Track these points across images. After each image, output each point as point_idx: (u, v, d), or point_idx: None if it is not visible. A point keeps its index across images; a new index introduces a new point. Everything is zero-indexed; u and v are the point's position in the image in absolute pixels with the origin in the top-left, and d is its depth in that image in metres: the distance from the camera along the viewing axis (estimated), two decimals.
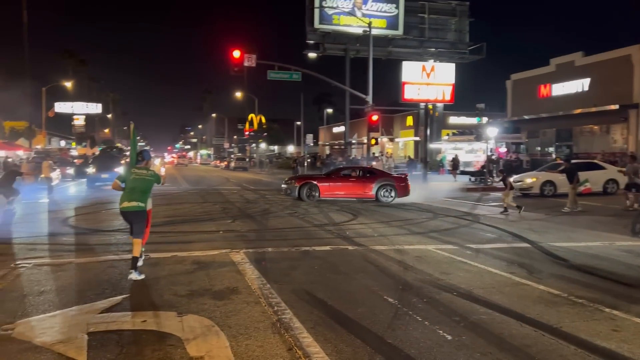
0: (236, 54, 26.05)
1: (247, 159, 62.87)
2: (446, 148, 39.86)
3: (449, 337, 4.84)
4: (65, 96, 63.86)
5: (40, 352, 4.41)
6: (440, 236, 11.00)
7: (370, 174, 19.61)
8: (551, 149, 36.92)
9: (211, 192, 23.16)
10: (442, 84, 28.80)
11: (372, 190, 18.50)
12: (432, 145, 41.81)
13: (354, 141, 51.03)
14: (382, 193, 18.41)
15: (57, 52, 70.65)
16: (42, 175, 19.89)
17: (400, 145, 56.71)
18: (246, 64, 27.42)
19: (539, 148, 38.13)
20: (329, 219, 13.74)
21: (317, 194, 18.32)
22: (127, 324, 5.12)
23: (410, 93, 28.69)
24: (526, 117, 37.27)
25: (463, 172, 31.47)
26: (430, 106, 33.51)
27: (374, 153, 36.81)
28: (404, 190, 18.81)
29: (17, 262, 7.92)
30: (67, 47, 66.44)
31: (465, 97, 46.65)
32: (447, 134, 42.65)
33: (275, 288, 6.46)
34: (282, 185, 19.99)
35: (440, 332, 4.99)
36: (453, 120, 49.51)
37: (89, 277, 7.06)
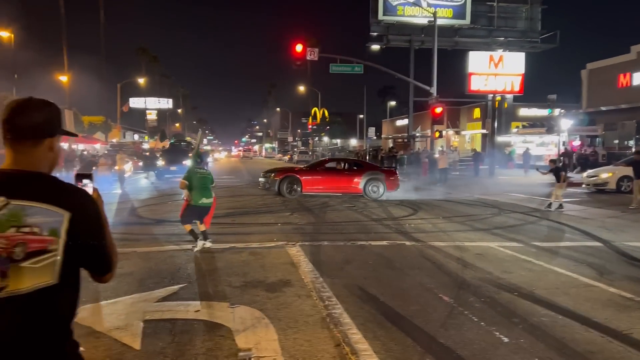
0: (298, 48, 26.16)
1: (310, 153, 63.31)
2: (515, 141, 38.32)
3: (506, 340, 4.60)
4: (139, 92, 66.92)
5: (99, 337, 4.59)
6: (504, 233, 10.55)
7: (357, 167, 18.74)
8: (631, 142, 34.60)
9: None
10: (511, 74, 27.70)
11: (359, 184, 17.39)
12: (500, 138, 40.35)
13: (417, 134, 50.16)
14: (370, 188, 17.27)
15: (131, 50, 74.01)
16: (116, 168, 20.93)
17: (466, 138, 55.15)
18: (308, 57, 27.51)
19: (616, 141, 35.84)
20: (388, 214, 13.55)
21: (299, 189, 17.15)
22: (180, 313, 5.24)
23: (476, 84, 27.80)
24: (603, 108, 35.10)
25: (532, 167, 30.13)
26: (498, 98, 32.33)
27: (442, 146, 35.99)
28: (393, 185, 17.68)
29: None
30: (141, 45, 69.31)
31: (536, 88, 44.68)
32: (517, 127, 41.00)
33: (328, 282, 6.41)
34: (260, 179, 18.75)
35: (497, 333, 4.75)
36: (523, 112, 47.45)
37: (150, 266, 7.32)
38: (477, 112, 50.57)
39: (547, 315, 5.29)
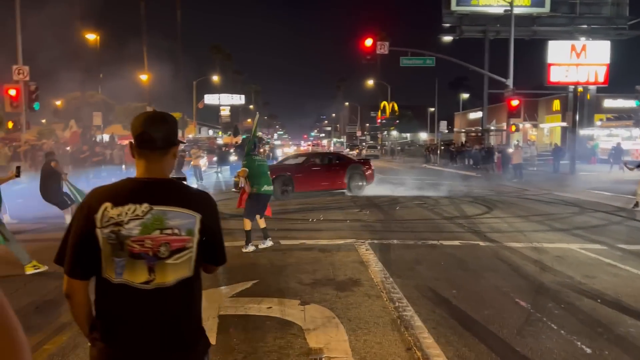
0: (368, 42, 25.99)
1: (378, 147, 62.85)
2: (599, 134, 36.10)
3: (588, 350, 4.35)
4: (213, 89, 69.18)
5: None
6: (586, 234, 9.98)
7: (339, 160, 18.33)
8: None
9: None
10: (595, 64, 26.09)
11: (344, 178, 16.87)
12: (582, 132, 38.15)
13: (492, 128, 48.43)
14: (353, 183, 16.94)
15: (206, 47, 76.57)
16: (192, 163, 21.76)
17: (545, 131, 52.57)
18: (378, 51, 27.31)
19: None
20: (461, 212, 13.20)
21: (291, 189, 15.81)
22: (253, 309, 5.37)
23: (556, 75, 26.44)
24: None
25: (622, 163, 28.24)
26: (580, 89, 30.59)
27: (517, 140, 34.56)
28: (370, 177, 17.57)
29: None
30: (215, 43, 71.55)
31: (623, 78, 41.48)
32: (600, 119, 38.58)
33: (398, 282, 6.34)
34: (234, 179, 15.50)
35: (578, 343, 4.50)
36: (608, 103, 44.50)
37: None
38: (556, 104, 48.03)
39: (636, 326, 4.95)
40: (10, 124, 22.85)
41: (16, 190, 13.00)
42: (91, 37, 36.62)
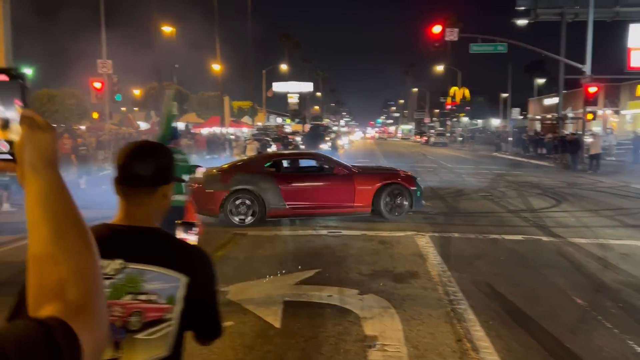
0: (436, 29, 25.63)
1: (448, 134, 61.65)
2: None
3: (639, 350, 4.43)
4: (281, 76, 70.43)
5: (245, 314, 5.30)
6: None
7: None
8: None
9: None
10: None
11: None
12: None
13: (570, 115, 46.22)
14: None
15: (276, 35, 77.75)
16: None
17: (628, 118, 49.50)
18: (447, 38, 26.88)
19: None
20: (528, 205, 13.01)
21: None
22: (315, 297, 5.79)
23: (637, 60, 24.93)
24: None
25: None
26: None
27: (591, 130, 32.95)
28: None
29: (236, 232, 9.35)
30: (285, 32, 72.57)
31: None
32: None
33: (455, 276, 6.54)
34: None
35: (631, 342, 4.57)
36: None
37: (290, 249, 8.05)
38: None
39: None
40: (95, 115, 24.64)
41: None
42: (167, 29, 38.36)
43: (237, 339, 4.68)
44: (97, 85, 23.30)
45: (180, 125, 40.19)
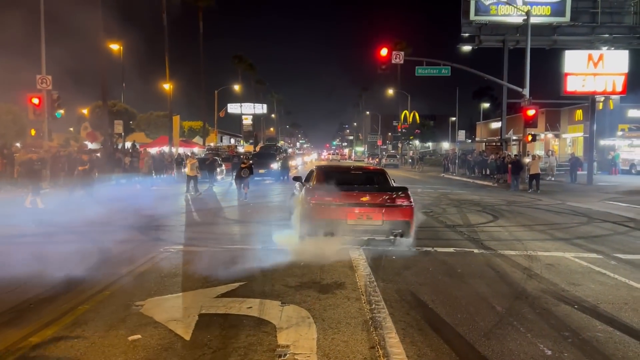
0: (383, 51, 26.15)
1: (398, 156, 62.71)
2: (620, 145, 35.51)
3: (548, 352, 4.45)
4: (235, 98, 70.15)
5: (156, 327, 5.04)
6: (585, 243, 9.95)
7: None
8: None
9: None
10: (613, 73, 25.72)
11: None
12: (604, 142, 37.53)
13: (514, 137, 47.96)
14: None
15: (228, 57, 77.71)
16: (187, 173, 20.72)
17: (567, 141, 51.83)
18: (394, 61, 27.39)
19: None
20: (465, 220, 13.23)
21: None
22: (234, 309, 5.58)
23: (573, 85, 26.18)
24: None
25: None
26: (601, 99, 30.17)
27: (529, 152, 34.20)
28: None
29: (166, 247, 9.03)
30: (237, 53, 72.50)
31: None
32: (623, 129, 37.92)
33: (381, 286, 6.48)
34: None
35: (541, 346, 4.60)
36: (632, 113, 43.67)
37: (217, 264, 7.77)
38: (579, 114, 47.39)
39: (604, 331, 5.00)
40: (32, 132, 23.67)
41: None
42: (114, 47, 37.65)
43: (141, 352, 4.43)
44: (35, 101, 22.44)
45: (127, 144, 39.19)
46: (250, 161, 21.98)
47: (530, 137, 27.01)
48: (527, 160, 25.72)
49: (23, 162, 16.26)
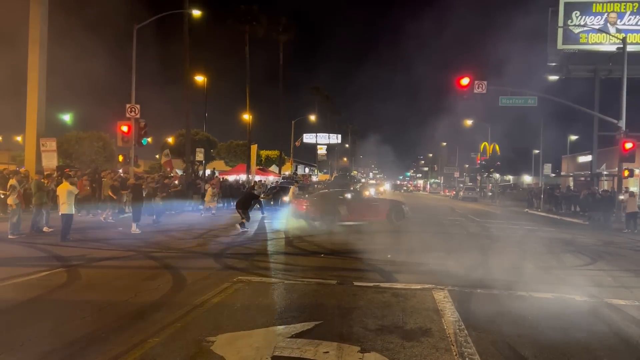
0: (464, 81, 25.30)
1: (477, 189, 60.41)
2: None
3: None
4: (311, 128, 71.13)
5: None
6: None
7: None
8: None
9: (431, 221, 22.59)
10: None
11: None
12: None
13: (605, 172, 44.79)
14: None
15: (307, 88, 79.27)
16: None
17: None
18: (476, 91, 26.40)
19: None
20: (559, 261, 12.06)
21: None
22: (309, 353, 5.10)
23: None
24: None
25: None
26: None
27: (626, 187, 31.60)
28: None
29: (240, 277, 8.75)
30: (315, 85, 73.79)
31: None
32: None
33: (473, 336, 5.76)
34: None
35: None
36: None
37: (293, 298, 7.38)
38: None
39: None
40: (120, 158, 24.79)
41: None
42: (199, 78, 39.29)
43: None
44: (124, 128, 23.54)
45: (207, 171, 40.41)
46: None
47: (627, 172, 24.91)
48: (621, 197, 23.63)
49: (135, 186, 16.90)
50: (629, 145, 24.31)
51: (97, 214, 19.31)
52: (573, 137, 68.52)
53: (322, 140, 75.66)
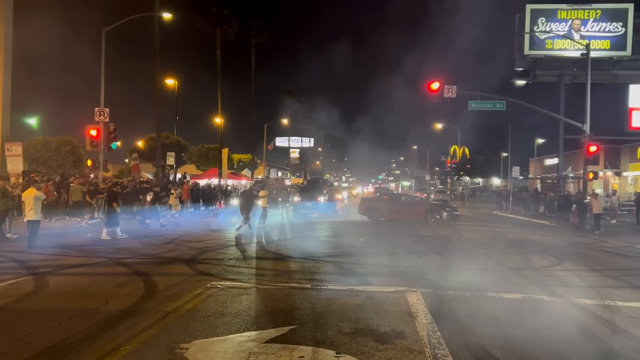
0: (434, 85, 25.67)
1: (448, 192, 61.30)
2: None
3: None
4: (284, 131, 70.97)
5: None
6: None
7: None
8: None
9: (404, 224, 22.81)
10: None
11: None
12: None
13: (570, 175, 46.01)
14: None
15: (279, 91, 79.07)
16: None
17: (629, 180, 49.23)
18: (446, 95, 26.83)
19: None
20: (528, 262, 12.33)
21: None
22: (284, 358, 5.09)
23: (638, 120, 24.78)
24: None
25: None
26: None
27: (593, 190, 32.52)
28: None
29: (213, 283, 8.67)
30: (288, 87, 73.65)
31: None
32: None
33: (446, 337, 5.84)
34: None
35: None
36: None
37: (267, 304, 7.35)
38: None
39: None
40: (89, 162, 24.29)
41: None
42: (170, 82, 38.85)
43: None
44: (93, 132, 23.09)
45: (178, 175, 39.92)
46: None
47: (592, 175, 25.65)
48: (587, 200, 24.30)
49: (110, 192, 16.36)
50: (593, 149, 25.05)
51: (62, 220, 18.88)
52: (540, 141, 70.24)
53: (295, 144, 75.68)
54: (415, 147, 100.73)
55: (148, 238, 15.26)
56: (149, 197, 20.78)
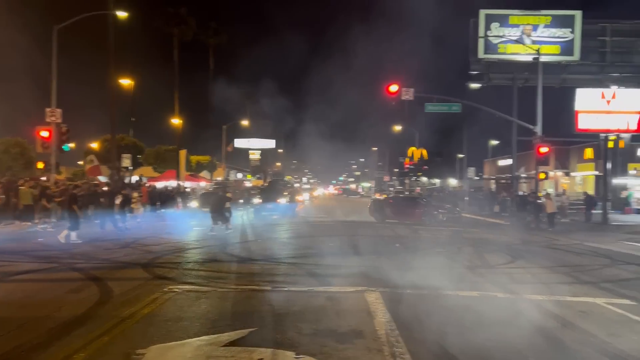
0: (393, 88, 26.05)
1: (406, 192, 62.24)
2: (633, 184, 34.93)
3: None
4: (243, 133, 70.35)
5: None
6: (615, 288, 9.38)
7: None
8: None
9: (364, 225, 23.06)
10: (626, 111, 25.48)
11: None
12: (616, 181, 36.94)
13: (523, 175, 47.54)
14: None
15: (238, 92, 78.49)
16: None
17: (577, 180, 51.25)
18: (403, 97, 27.26)
19: None
20: (483, 261, 12.67)
21: None
22: None
23: (585, 123, 25.94)
24: None
25: None
26: (612, 137, 29.84)
27: (544, 189, 33.70)
28: None
29: (171, 287, 8.53)
30: (247, 89, 73.10)
31: None
32: (635, 168, 37.45)
33: (404, 335, 5.94)
34: None
35: None
36: None
37: (226, 307, 7.29)
38: (589, 153, 46.89)
39: None
40: (40, 165, 23.45)
41: None
42: (126, 82, 37.93)
43: None
44: (44, 134, 22.32)
45: (134, 178, 38.99)
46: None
47: (543, 175, 26.59)
48: (541, 200, 25.16)
49: (71, 195, 15.66)
50: (544, 150, 25.97)
51: (11, 224, 18.18)
52: (494, 142, 72.18)
53: (255, 145, 75.20)
54: (375, 148, 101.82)
55: (103, 242, 14.85)
56: (117, 201, 20.16)
